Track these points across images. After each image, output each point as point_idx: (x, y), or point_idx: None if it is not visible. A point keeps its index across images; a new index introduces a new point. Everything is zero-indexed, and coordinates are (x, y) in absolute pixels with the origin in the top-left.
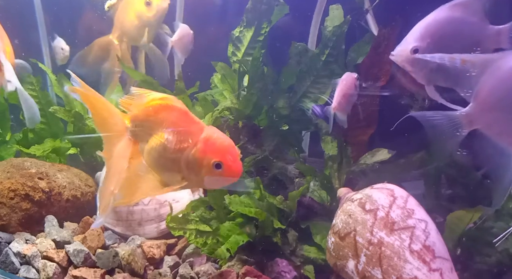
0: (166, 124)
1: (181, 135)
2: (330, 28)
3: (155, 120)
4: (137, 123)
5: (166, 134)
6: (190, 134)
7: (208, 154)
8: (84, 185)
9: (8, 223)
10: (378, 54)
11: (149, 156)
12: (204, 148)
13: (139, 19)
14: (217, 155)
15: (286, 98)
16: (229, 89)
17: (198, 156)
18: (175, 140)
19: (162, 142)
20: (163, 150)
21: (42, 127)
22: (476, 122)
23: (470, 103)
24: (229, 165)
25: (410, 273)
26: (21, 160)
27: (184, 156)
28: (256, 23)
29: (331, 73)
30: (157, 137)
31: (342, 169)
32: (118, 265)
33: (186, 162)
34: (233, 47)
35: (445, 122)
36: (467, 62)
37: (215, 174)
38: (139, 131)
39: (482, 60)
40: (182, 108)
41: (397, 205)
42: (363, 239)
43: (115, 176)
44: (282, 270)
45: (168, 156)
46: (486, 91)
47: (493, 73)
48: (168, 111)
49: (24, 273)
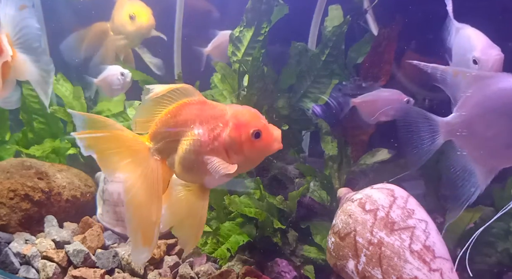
0: (191, 122)
1: (209, 123)
2: (330, 28)
3: (178, 124)
4: (160, 137)
5: (196, 130)
6: (217, 118)
7: (244, 127)
8: (83, 185)
9: (7, 223)
10: (378, 54)
11: (185, 162)
12: (236, 123)
13: (122, 27)
14: (251, 124)
15: (286, 98)
16: (229, 89)
17: (235, 133)
18: (207, 131)
19: (195, 139)
20: (200, 146)
21: (42, 127)
22: (454, 133)
23: (453, 113)
24: (267, 129)
25: (410, 273)
26: (21, 160)
27: (222, 141)
28: (256, 23)
29: (331, 73)
30: (187, 139)
31: (342, 169)
32: (118, 265)
33: (225, 146)
34: (233, 47)
35: (424, 125)
36: (458, 75)
37: (257, 144)
38: (165, 145)
39: (473, 75)
40: (197, 99)
41: (397, 205)
42: (363, 239)
43: (154, 205)
44: (282, 270)
45: (206, 150)
46: (470, 105)
47: (480, 90)
48: (186, 108)
49: (23, 273)
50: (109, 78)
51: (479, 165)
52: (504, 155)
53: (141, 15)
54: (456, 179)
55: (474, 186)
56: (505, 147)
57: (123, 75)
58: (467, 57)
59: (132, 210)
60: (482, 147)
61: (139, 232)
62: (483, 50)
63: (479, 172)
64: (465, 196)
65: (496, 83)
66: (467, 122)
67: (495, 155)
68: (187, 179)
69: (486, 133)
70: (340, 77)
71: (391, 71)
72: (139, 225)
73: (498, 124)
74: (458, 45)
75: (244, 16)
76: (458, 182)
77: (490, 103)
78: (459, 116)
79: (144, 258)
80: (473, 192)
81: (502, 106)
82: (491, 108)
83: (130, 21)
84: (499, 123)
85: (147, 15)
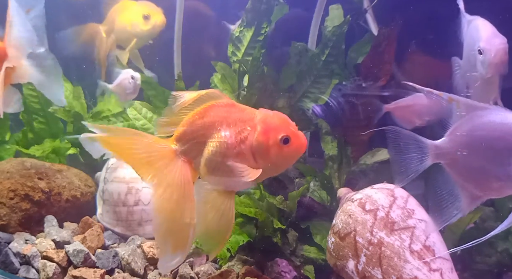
0: (218, 124)
1: (237, 126)
2: (330, 28)
3: (205, 125)
4: (186, 139)
5: (223, 132)
6: (245, 121)
7: (272, 132)
8: (83, 185)
9: (7, 223)
10: (378, 54)
11: (211, 164)
12: (265, 128)
13: (132, 28)
14: (280, 130)
15: (286, 98)
16: (229, 89)
17: (263, 137)
18: (234, 133)
19: (222, 141)
20: (226, 149)
21: (42, 127)
22: (442, 157)
23: (444, 137)
24: (296, 135)
25: (410, 273)
26: (21, 160)
27: (248, 145)
28: (256, 23)
29: (331, 73)
30: (214, 141)
31: (342, 169)
32: (118, 265)
33: (252, 150)
34: (233, 47)
35: (414, 146)
36: (453, 101)
37: (284, 150)
38: (191, 146)
39: (467, 104)
40: (225, 101)
41: (397, 205)
42: (363, 239)
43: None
44: (282, 270)
45: (232, 153)
46: (460, 132)
47: (472, 119)
48: (214, 110)
49: (23, 273)
50: (122, 82)
51: (465, 192)
52: (488, 187)
53: (155, 15)
54: (441, 200)
55: (457, 209)
56: (490, 179)
57: (133, 78)
58: (475, 47)
59: (163, 215)
60: (468, 176)
61: (170, 237)
62: (488, 40)
63: (464, 198)
64: (446, 216)
65: (488, 115)
66: (455, 149)
67: (480, 185)
68: (212, 181)
69: (472, 163)
70: (340, 77)
71: (391, 71)
72: (170, 230)
73: (484, 156)
74: (469, 37)
75: (244, 16)
76: (443, 203)
77: (478, 134)
78: (448, 142)
79: (174, 264)
80: (455, 215)
81: (489, 139)
82: (478, 140)
83: (144, 21)
84: (485, 155)
85: (161, 14)
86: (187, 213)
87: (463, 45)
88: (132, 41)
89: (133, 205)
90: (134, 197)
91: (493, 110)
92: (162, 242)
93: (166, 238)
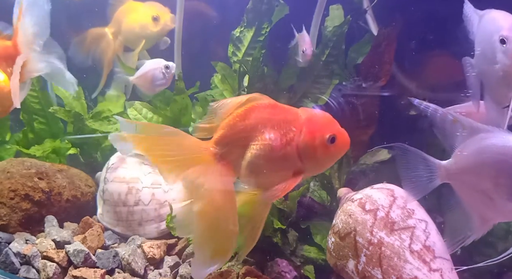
0: (261, 126)
1: (282, 128)
2: (330, 28)
3: (247, 128)
4: (226, 142)
5: (267, 134)
6: (290, 122)
7: (318, 132)
8: (84, 185)
9: (8, 223)
10: (378, 54)
11: (254, 167)
12: (311, 128)
13: (141, 29)
14: (327, 129)
15: (286, 98)
16: (229, 89)
17: (309, 138)
18: (280, 135)
19: (266, 144)
20: (270, 151)
21: (42, 127)
22: (450, 177)
23: (451, 158)
24: (341, 134)
25: (410, 273)
26: (21, 160)
27: (294, 146)
28: (257, 23)
29: (331, 73)
30: (257, 144)
31: (342, 169)
32: (118, 265)
33: (299, 151)
34: (234, 47)
35: (422, 165)
36: (458, 123)
37: (330, 149)
38: (231, 149)
39: (471, 126)
40: (268, 101)
41: (397, 205)
42: (363, 239)
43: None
44: (282, 270)
45: (277, 155)
46: (465, 155)
47: (475, 142)
48: (256, 112)
49: (24, 273)
50: (149, 73)
51: (475, 213)
52: (497, 210)
53: (164, 15)
54: (455, 221)
55: (471, 230)
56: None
57: (168, 67)
58: (493, 39)
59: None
60: (476, 198)
61: (210, 244)
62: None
63: (476, 220)
64: (461, 237)
65: (491, 137)
66: (460, 171)
67: (489, 208)
68: (253, 184)
69: (478, 185)
70: (340, 77)
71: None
72: (211, 237)
73: (488, 179)
74: (483, 31)
75: (244, 16)
76: (456, 224)
77: (481, 157)
78: (454, 163)
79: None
80: (468, 236)
81: (492, 162)
82: (481, 163)
83: (153, 23)
84: (490, 178)
85: (170, 15)
86: (230, 219)
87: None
88: (140, 42)
89: (133, 205)
90: (135, 197)
91: (497, 132)
92: (200, 248)
93: (205, 244)
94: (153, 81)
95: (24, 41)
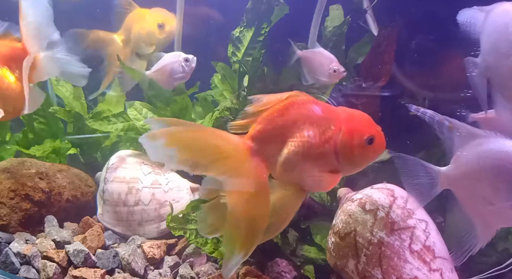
0: (300, 122)
1: (321, 125)
2: (330, 28)
3: (286, 124)
4: (263, 137)
5: (306, 131)
6: (329, 120)
7: (357, 132)
8: (84, 185)
9: (8, 223)
10: (378, 54)
11: (290, 164)
12: (351, 127)
13: (148, 36)
14: (367, 130)
15: None
16: (229, 89)
17: (348, 137)
18: (319, 133)
19: (305, 141)
20: (308, 149)
21: (42, 127)
22: (450, 183)
23: (450, 164)
24: (379, 135)
25: (410, 273)
26: (21, 160)
27: (332, 145)
28: (256, 23)
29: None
30: (295, 140)
31: None
32: (118, 265)
33: (336, 150)
34: (233, 47)
35: (423, 172)
36: (454, 129)
37: (368, 150)
38: (267, 145)
39: (468, 132)
40: (308, 98)
41: (397, 205)
42: (363, 239)
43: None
44: (282, 270)
45: (315, 153)
46: (463, 162)
47: (472, 148)
48: (295, 108)
49: (24, 273)
50: (168, 67)
51: (478, 220)
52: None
53: (169, 22)
54: (460, 230)
55: (475, 239)
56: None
57: (188, 60)
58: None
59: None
60: (476, 204)
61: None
62: None
63: (479, 227)
64: (467, 246)
65: (488, 143)
66: (459, 177)
67: (489, 214)
68: (287, 180)
69: (477, 191)
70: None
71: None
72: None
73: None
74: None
75: (244, 16)
76: (461, 232)
77: (478, 163)
78: (453, 170)
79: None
80: (474, 244)
81: (488, 167)
82: (478, 168)
83: (159, 30)
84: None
85: (175, 21)
86: (263, 214)
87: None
88: (148, 48)
89: (133, 205)
90: (135, 197)
91: (493, 137)
92: (231, 243)
93: (235, 238)
94: (172, 75)
95: (29, 41)
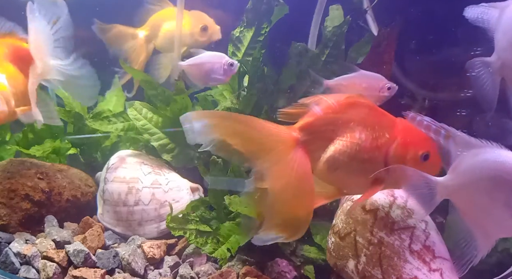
0: (355, 123)
1: (375, 131)
2: (330, 28)
3: (339, 121)
4: (312, 130)
5: (357, 133)
6: (385, 127)
7: (413, 146)
8: (84, 185)
9: (8, 223)
10: (378, 54)
11: (334, 163)
12: (408, 140)
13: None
14: (424, 146)
15: (286, 98)
16: (229, 89)
17: (402, 149)
18: (371, 137)
19: (355, 143)
20: (357, 151)
21: (42, 127)
22: (448, 193)
23: (447, 174)
24: (435, 154)
25: (410, 273)
26: (21, 160)
27: (383, 153)
28: (256, 23)
29: (331, 73)
30: (344, 140)
31: None
32: (118, 265)
33: (386, 159)
34: (233, 47)
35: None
36: (450, 138)
37: (421, 167)
38: (315, 139)
39: (464, 142)
40: (367, 102)
41: (397, 205)
42: (363, 239)
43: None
44: (282, 270)
45: (363, 157)
46: (460, 172)
47: (469, 158)
48: (351, 108)
49: (24, 273)
50: (207, 65)
51: (476, 230)
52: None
53: (212, 26)
54: (460, 240)
55: (475, 249)
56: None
57: (233, 65)
58: None
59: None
60: (475, 214)
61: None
62: None
63: (478, 237)
64: (468, 257)
65: (484, 153)
66: (457, 187)
67: (488, 224)
68: (327, 180)
69: (476, 201)
70: None
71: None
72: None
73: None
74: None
75: (244, 16)
76: (461, 243)
77: (475, 173)
78: (451, 180)
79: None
80: (475, 255)
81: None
82: (475, 179)
83: (201, 32)
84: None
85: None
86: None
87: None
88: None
89: (133, 205)
90: (135, 197)
91: (489, 148)
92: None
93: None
94: (210, 74)
95: (35, 49)
